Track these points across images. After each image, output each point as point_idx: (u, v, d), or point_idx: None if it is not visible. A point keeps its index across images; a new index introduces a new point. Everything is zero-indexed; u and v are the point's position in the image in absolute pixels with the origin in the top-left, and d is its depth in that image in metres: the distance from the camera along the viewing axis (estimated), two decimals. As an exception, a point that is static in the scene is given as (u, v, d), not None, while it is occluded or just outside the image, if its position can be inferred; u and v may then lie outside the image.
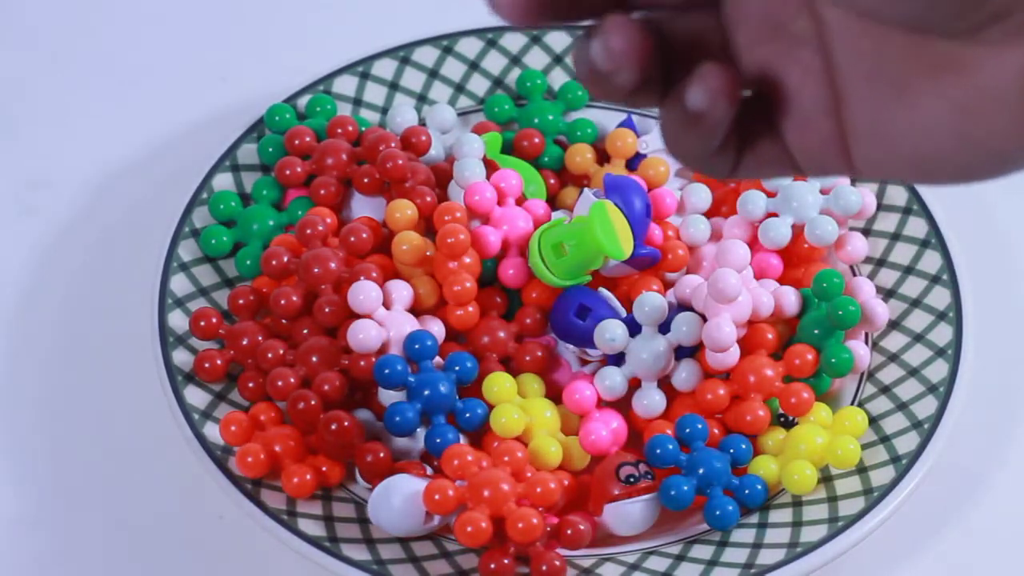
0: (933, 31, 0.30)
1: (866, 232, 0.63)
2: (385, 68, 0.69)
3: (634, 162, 0.66)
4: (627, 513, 0.54)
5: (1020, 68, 0.29)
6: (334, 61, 0.68)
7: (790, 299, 0.60)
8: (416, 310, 0.60)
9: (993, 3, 0.29)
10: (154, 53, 0.76)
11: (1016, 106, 0.30)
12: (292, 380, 0.56)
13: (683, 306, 0.59)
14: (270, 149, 0.65)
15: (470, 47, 0.69)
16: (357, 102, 0.68)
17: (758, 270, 0.61)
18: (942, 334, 0.59)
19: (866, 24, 0.31)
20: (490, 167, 0.63)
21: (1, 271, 0.66)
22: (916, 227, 0.63)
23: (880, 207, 0.64)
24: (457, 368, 0.57)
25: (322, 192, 0.63)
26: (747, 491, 0.55)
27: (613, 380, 0.57)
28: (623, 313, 0.59)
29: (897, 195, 0.64)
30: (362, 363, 0.57)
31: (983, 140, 0.30)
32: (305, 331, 0.59)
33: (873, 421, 0.58)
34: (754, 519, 0.55)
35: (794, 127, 0.33)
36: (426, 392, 0.56)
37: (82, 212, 0.69)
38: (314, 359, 0.57)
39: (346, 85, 0.68)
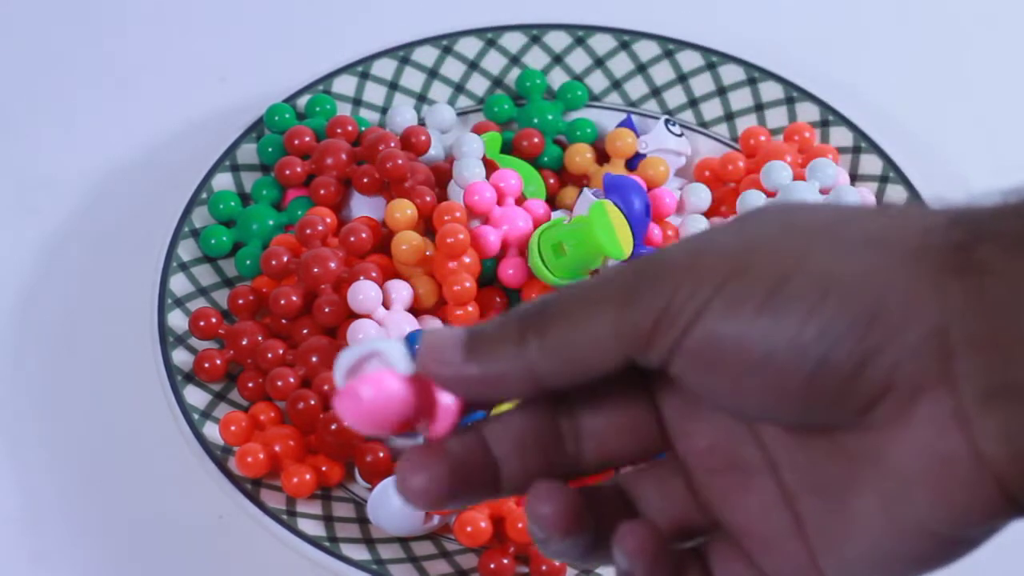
0: (825, 426, 0.29)
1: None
2: (385, 68, 0.69)
3: (633, 162, 0.66)
4: (627, 513, 0.54)
5: (920, 449, 0.28)
6: (334, 61, 0.68)
7: (790, 299, 0.60)
8: (416, 310, 0.60)
9: (864, 386, 0.28)
10: (154, 53, 0.76)
11: (931, 487, 0.29)
12: (292, 380, 0.56)
13: (683, 306, 0.59)
14: (270, 149, 0.65)
15: (470, 47, 0.69)
16: (357, 102, 0.68)
17: (758, 270, 0.61)
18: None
19: (798, 437, 0.31)
20: (490, 167, 0.63)
21: (1, 271, 0.66)
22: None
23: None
24: (457, 368, 0.57)
25: (322, 192, 0.63)
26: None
27: (613, 380, 0.57)
28: (623, 313, 0.59)
29: (897, 195, 0.64)
30: (362, 363, 0.57)
31: (918, 525, 0.29)
32: (305, 331, 0.59)
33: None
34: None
35: (765, 553, 0.32)
36: (426, 392, 0.56)
37: (82, 212, 0.69)
38: (314, 359, 0.57)
39: (346, 85, 0.68)
